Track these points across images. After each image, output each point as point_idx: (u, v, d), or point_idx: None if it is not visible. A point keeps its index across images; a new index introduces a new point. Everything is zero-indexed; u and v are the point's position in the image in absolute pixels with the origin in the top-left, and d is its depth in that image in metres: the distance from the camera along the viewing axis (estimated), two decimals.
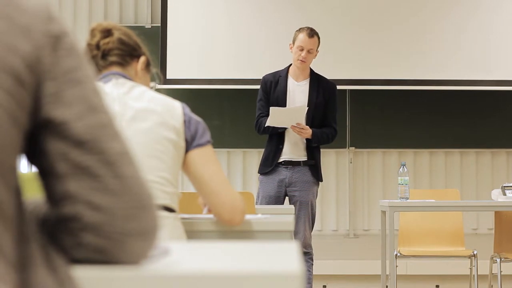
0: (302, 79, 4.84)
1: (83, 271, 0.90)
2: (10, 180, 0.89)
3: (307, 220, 4.73)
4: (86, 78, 0.95)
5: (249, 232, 2.26)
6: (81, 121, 0.92)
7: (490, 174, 6.43)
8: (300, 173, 4.77)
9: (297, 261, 0.93)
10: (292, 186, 4.76)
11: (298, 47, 4.75)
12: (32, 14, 0.92)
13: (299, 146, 4.79)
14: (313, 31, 4.79)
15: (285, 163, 4.77)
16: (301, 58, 4.74)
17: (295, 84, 4.83)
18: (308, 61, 4.78)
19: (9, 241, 0.86)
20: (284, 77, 4.82)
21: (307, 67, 4.83)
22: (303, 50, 4.75)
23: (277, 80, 4.81)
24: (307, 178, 4.78)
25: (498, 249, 5.04)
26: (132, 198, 0.93)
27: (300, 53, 4.74)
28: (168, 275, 0.90)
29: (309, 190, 4.77)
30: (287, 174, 4.76)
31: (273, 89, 4.80)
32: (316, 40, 4.78)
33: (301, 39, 4.75)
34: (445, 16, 6.28)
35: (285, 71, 4.86)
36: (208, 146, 2.18)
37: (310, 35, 4.75)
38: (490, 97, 6.31)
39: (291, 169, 4.77)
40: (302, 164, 4.77)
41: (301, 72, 4.83)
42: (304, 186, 4.76)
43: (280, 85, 4.79)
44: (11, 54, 0.89)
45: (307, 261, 4.75)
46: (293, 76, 4.84)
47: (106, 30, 2.22)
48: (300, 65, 4.77)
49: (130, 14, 6.49)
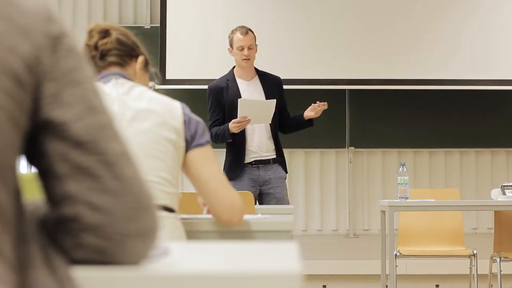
0: (251, 78, 4.87)
1: (83, 271, 0.91)
2: (9, 181, 0.89)
3: None
4: (85, 78, 0.95)
5: (248, 232, 2.26)
6: (80, 122, 0.92)
7: (490, 173, 6.43)
8: (272, 170, 4.79)
9: (297, 261, 0.94)
10: (267, 183, 4.77)
11: (238, 48, 4.80)
12: (31, 14, 0.92)
13: (267, 143, 4.80)
14: (245, 28, 4.85)
15: (256, 163, 4.77)
16: (244, 57, 4.78)
17: (246, 83, 4.84)
18: (251, 57, 4.82)
19: (8, 242, 0.86)
20: (232, 80, 4.84)
21: (252, 65, 4.87)
22: (243, 49, 4.79)
23: (226, 85, 4.82)
24: (280, 174, 4.82)
25: (497, 249, 5.04)
26: (132, 198, 0.93)
27: (242, 52, 4.78)
28: (168, 275, 0.90)
29: (283, 186, 4.82)
30: (259, 173, 4.77)
31: (225, 93, 4.80)
32: (251, 36, 4.83)
33: (238, 39, 4.80)
34: (445, 16, 6.28)
35: (231, 75, 4.88)
36: (208, 146, 2.18)
37: (244, 33, 4.81)
38: (490, 96, 6.31)
39: (262, 167, 4.78)
40: (272, 162, 4.79)
41: (248, 71, 4.86)
42: (278, 182, 4.79)
43: (232, 88, 4.80)
44: (11, 55, 0.89)
45: None
46: (241, 77, 4.86)
47: (104, 30, 2.22)
48: (246, 63, 4.81)
49: (129, 15, 6.49)
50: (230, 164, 4.81)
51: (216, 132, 4.75)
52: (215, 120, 4.80)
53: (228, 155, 4.85)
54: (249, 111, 4.62)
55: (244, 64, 4.81)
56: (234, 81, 4.84)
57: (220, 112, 4.79)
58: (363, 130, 6.33)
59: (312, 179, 6.32)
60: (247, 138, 4.77)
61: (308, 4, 6.26)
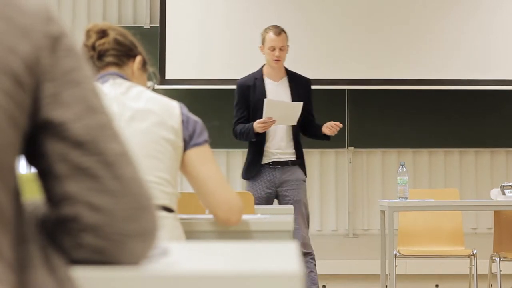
0: (280, 78, 4.83)
1: (83, 271, 0.91)
2: (9, 181, 0.89)
3: (302, 220, 4.69)
4: (85, 78, 0.95)
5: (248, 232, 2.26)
6: (80, 122, 0.92)
7: (490, 173, 6.43)
8: (290, 172, 4.74)
9: (297, 261, 0.94)
10: (283, 185, 4.73)
11: (269, 47, 4.77)
12: (31, 15, 0.92)
13: (287, 145, 4.76)
14: (279, 28, 4.80)
15: (274, 164, 4.74)
16: (275, 57, 4.75)
17: (275, 84, 4.81)
18: (282, 58, 4.79)
19: (7, 242, 0.86)
20: (260, 78, 4.80)
21: (282, 65, 4.83)
22: (275, 49, 4.76)
23: (254, 83, 4.79)
24: (298, 176, 4.76)
25: (497, 249, 5.04)
26: (132, 199, 0.93)
27: (273, 53, 4.75)
28: (167, 275, 0.90)
29: (301, 189, 4.76)
30: (276, 174, 4.73)
31: (252, 92, 4.77)
32: (284, 37, 4.79)
33: (270, 39, 4.77)
34: (445, 16, 6.28)
35: (260, 73, 4.84)
36: (206, 146, 2.17)
37: (277, 33, 4.77)
38: (489, 96, 6.31)
39: (280, 169, 4.74)
40: (290, 163, 4.75)
41: (277, 71, 4.82)
42: (296, 185, 4.74)
43: (259, 87, 4.77)
44: (11, 55, 0.89)
45: (309, 261, 4.70)
46: (270, 77, 4.82)
47: (102, 30, 2.22)
48: (276, 64, 4.78)
49: (128, 15, 6.49)
50: (249, 164, 4.79)
51: (241, 130, 4.73)
52: (240, 117, 4.78)
53: (248, 154, 4.83)
54: (275, 112, 4.59)
55: (274, 64, 4.78)
56: (262, 80, 4.80)
57: (245, 110, 4.76)
58: (363, 130, 6.33)
59: (312, 179, 6.32)
60: (267, 138, 4.74)
61: (308, 4, 6.26)
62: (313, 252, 4.74)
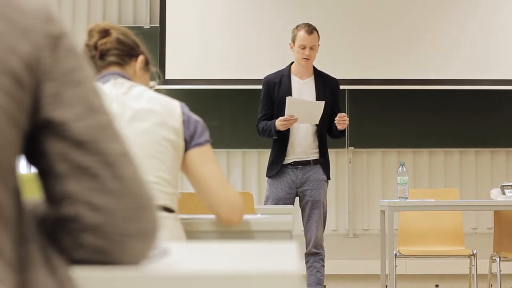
0: (307, 77, 4.78)
1: (83, 271, 0.91)
2: (9, 181, 0.89)
3: (319, 220, 4.68)
4: (85, 78, 0.95)
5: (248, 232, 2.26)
6: (80, 122, 0.93)
7: (490, 173, 6.43)
8: (311, 172, 4.70)
9: (296, 261, 0.94)
10: (304, 185, 4.69)
11: (300, 46, 4.70)
12: (31, 15, 0.92)
13: (310, 144, 4.71)
14: (311, 27, 4.74)
15: (295, 164, 4.70)
16: (305, 56, 4.69)
17: (300, 82, 4.76)
18: (312, 58, 4.73)
19: (8, 241, 0.86)
20: (287, 76, 4.75)
21: (311, 64, 4.78)
22: (305, 48, 4.70)
23: (280, 80, 4.74)
24: (319, 176, 4.72)
25: (497, 249, 5.04)
26: (132, 199, 0.93)
27: (303, 51, 4.69)
28: (168, 275, 0.90)
29: (320, 189, 4.72)
30: (298, 174, 4.69)
31: (277, 89, 4.72)
32: (316, 36, 4.74)
33: (301, 37, 4.70)
34: (445, 16, 6.28)
35: (287, 70, 4.79)
36: (207, 146, 2.16)
37: (309, 32, 4.70)
38: (489, 96, 6.31)
39: (301, 169, 4.70)
40: (312, 163, 4.72)
41: (306, 70, 4.77)
42: (316, 185, 4.70)
43: (284, 84, 4.72)
44: (11, 54, 0.89)
45: (318, 261, 4.69)
46: (297, 75, 4.77)
47: (104, 30, 2.22)
48: (305, 63, 4.72)
49: (129, 15, 6.49)
50: (272, 162, 4.75)
51: (263, 127, 4.70)
52: (264, 114, 4.73)
53: (272, 152, 4.79)
54: (297, 110, 4.56)
55: (303, 63, 4.72)
56: (288, 78, 4.75)
57: (269, 107, 4.72)
58: (363, 130, 6.33)
59: None
60: (290, 138, 4.69)
61: (308, 4, 6.26)
62: (324, 253, 4.73)
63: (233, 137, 6.28)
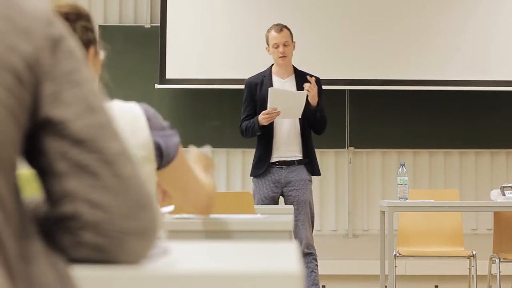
0: (287, 76, 4.84)
1: (82, 270, 0.91)
2: (10, 177, 0.90)
3: (307, 220, 4.69)
4: (85, 80, 0.96)
5: (248, 232, 2.26)
6: (79, 121, 0.93)
7: (489, 174, 6.43)
8: (296, 172, 4.73)
9: (296, 261, 0.94)
10: (289, 185, 4.72)
11: (273, 45, 4.78)
12: (33, 17, 0.94)
13: (293, 143, 4.74)
14: (280, 25, 4.82)
15: (279, 163, 4.73)
16: (280, 54, 4.76)
17: (281, 81, 4.82)
18: (288, 55, 4.79)
19: (11, 234, 0.87)
20: (268, 76, 4.82)
21: (289, 62, 4.84)
22: (279, 46, 4.76)
23: (262, 81, 4.80)
24: (303, 176, 4.74)
25: (497, 250, 5.04)
26: (131, 197, 0.94)
27: (278, 50, 4.76)
28: (167, 275, 0.90)
29: (306, 189, 4.74)
30: (282, 174, 4.72)
31: (259, 89, 4.78)
32: (286, 33, 4.80)
33: (273, 37, 4.78)
34: (445, 16, 6.28)
35: (268, 71, 4.86)
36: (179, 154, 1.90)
37: (279, 30, 4.79)
38: (489, 97, 6.32)
39: (286, 168, 4.73)
40: (296, 163, 4.74)
41: (285, 69, 4.83)
42: (301, 185, 4.72)
43: (266, 84, 4.77)
44: (12, 53, 0.90)
45: (311, 262, 4.69)
46: (278, 75, 4.84)
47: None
48: (283, 61, 4.78)
49: (129, 14, 6.49)
50: (257, 161, 4.79)
51: (247, 126, 4.74)
52: (247, 115, 4.78)
53: (256, 150, 4.83)
54: (279, 102, 4.60)
55: (281, 61, 4.79)
56: (270, 78, 4.82)
57: (252, 108, 4.77)
58: (363, 130, 6.33)
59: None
60: (274, 136, 4.73)
61: (308, 4, 6.26)
62: (316, 253, 4.74)
63: (233, 137, 6.27)
